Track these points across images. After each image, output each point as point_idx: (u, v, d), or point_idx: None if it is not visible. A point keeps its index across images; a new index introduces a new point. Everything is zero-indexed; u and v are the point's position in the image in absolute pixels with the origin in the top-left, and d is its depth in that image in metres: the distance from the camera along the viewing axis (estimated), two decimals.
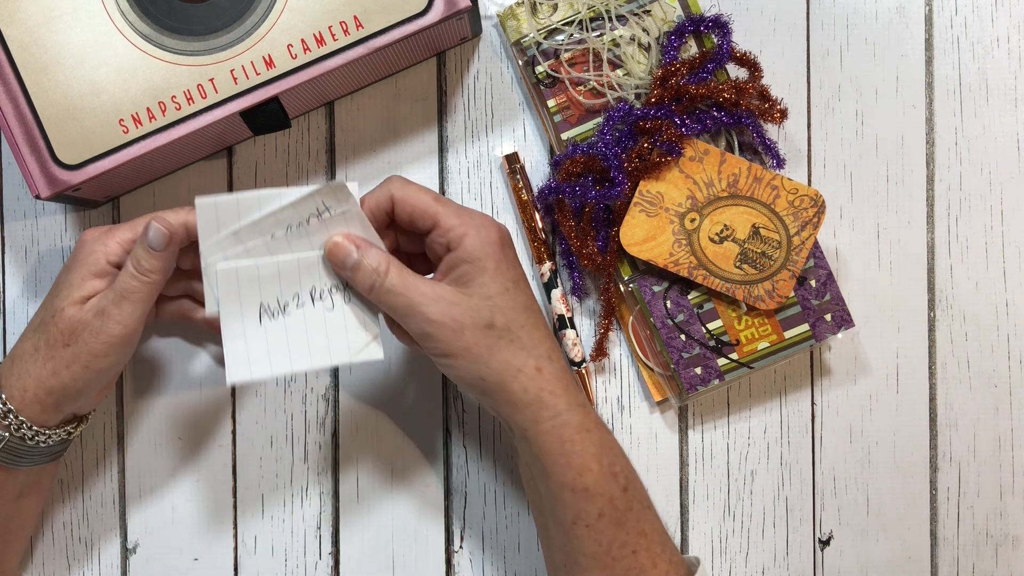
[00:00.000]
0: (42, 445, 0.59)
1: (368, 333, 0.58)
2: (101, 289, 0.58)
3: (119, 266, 0.58)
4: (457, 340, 0.55)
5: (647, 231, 0.64)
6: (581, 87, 0.65)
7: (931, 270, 0.68)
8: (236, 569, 0.69)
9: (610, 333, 0.67)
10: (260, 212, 0.56)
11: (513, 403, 0.56)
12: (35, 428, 0.58)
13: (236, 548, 0.69)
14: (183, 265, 0.61)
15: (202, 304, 0.63)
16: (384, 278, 0.56)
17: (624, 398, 0.68)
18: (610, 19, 0.65)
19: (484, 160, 0.68)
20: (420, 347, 0.58)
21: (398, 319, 0.57)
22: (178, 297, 0.64)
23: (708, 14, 0.64)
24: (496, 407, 0.57)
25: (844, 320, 0.65)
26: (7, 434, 0.57)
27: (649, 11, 0.65)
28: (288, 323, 0.57)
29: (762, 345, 0.65)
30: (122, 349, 0.58)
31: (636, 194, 0.64)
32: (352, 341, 0.58)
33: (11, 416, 0.57)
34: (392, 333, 0.61)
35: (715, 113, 0.64)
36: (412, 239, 0.60)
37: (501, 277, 0.56)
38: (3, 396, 0.57)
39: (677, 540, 0.68)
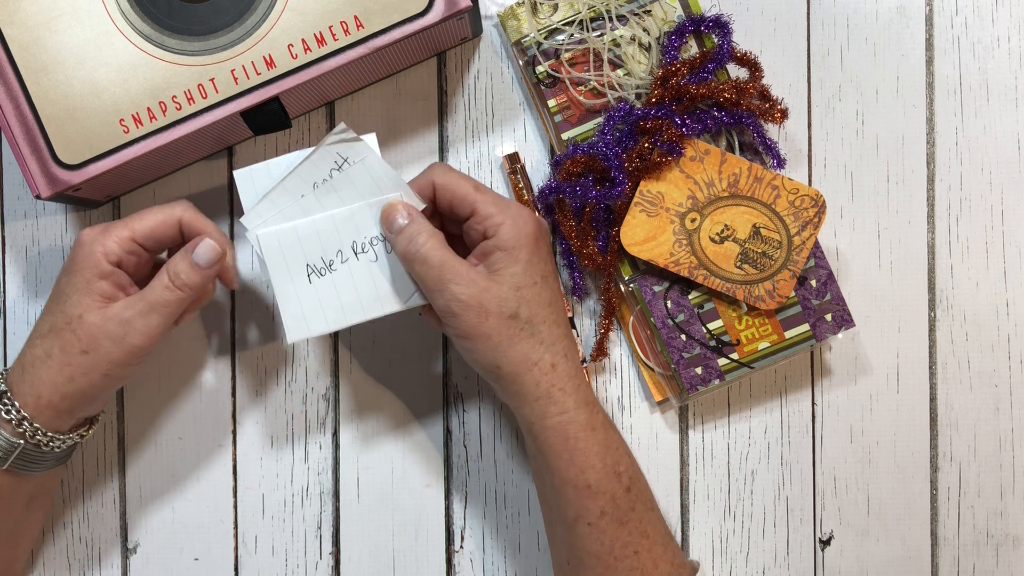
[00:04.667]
0: (56, 450, 0.59)
1: (413, 281, 0.59)
2: (108, 291, 0.57)
3: (119, 264, 0.58)
4: (480, 325, 0.56)
5: (647, 231, 0.64)
6: (581, 87, 0.65)
7: (931, 270, 0.68)
8: (236, 569, 0.69)
9: (610, 333, 0.67)
10: (286, 172, 0.57)
11: (523, 395, 0.57)
12: (49, 434, 0.58)
13: (236, 548, 0.69)
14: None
15: None
16: (422, 248, 0.56)
17: (624, 398, 0.68)
18: (610, 19, 0.65)
19: (485, 160, 0.68)
20: (441, 325, 0.59)
21: (426, 291, 0.57)
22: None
23: (708, 14, 0.64)
24: (508, 397, 0.58)
25: (844, 320, 0.65)
26: (22, 441, 0.57)
27: (649, 11, 0.65)
28: (336, 279, 0.59)
29: (762, 345, 0.65)
30: (142, 357, 0.58)
31: (637, 194, 0.64)
32: (400, 289, 0.59)
33: (26, 423, 0.57)
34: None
35: (715, 113, 0.64)
36: (454, 225, 0.61)
37: (532, 270, 0.57)
38: (16, 404, 0.57)
39: (678, 540, 0.68)
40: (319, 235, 0.58)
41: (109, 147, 0.60)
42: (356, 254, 0.59)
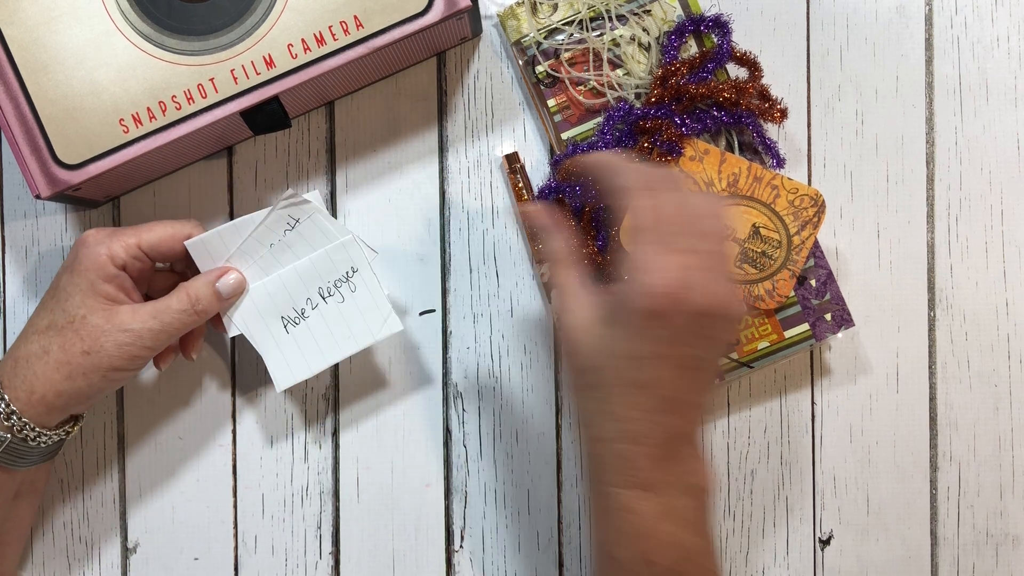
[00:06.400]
0: (42, 446, 0.59)
1: (381, 311, 0.62)
2: (112, 294, 0.58)
3: (124, 268, 0.58)
4: (569, 359, 0.54)
5: None
6: (581, 87, 0.65)
7: (931, 270, 0.68)
8: (236, 569, 0.69)
9: None
10: (241, 238, 0.61)
11: (585, 438, 0.54)
12: (37, 430, 0.58)
13: (236, 548, 0.69)
14: (177, 268, 0.64)
15: None
16: (557, 277, 0.56)
17: None
18: (610, 19, 0.65)
19: (484, 160, 0.68)
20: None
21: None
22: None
23: (708, 14, 0.65)
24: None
25: (844, 320, 0.65)
26: (9, 436, 0.57)
27: (649, 11, 0.65)
28: (310, 325, 0.62)
29: (762, 345, 0.65)
30: (141, 367, 0.59)
31: None
32: (370, 323, 0.62)
33: (14, 418, 0.57)
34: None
35: (715, 113, 0.64)
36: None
37: (624, 344, 0.51)
38: (6, 398, 0.57)
39: None
40: (287, 288, 0.62)
41: (109, 147, 0.60)
42: (324, 299, 0.62)
